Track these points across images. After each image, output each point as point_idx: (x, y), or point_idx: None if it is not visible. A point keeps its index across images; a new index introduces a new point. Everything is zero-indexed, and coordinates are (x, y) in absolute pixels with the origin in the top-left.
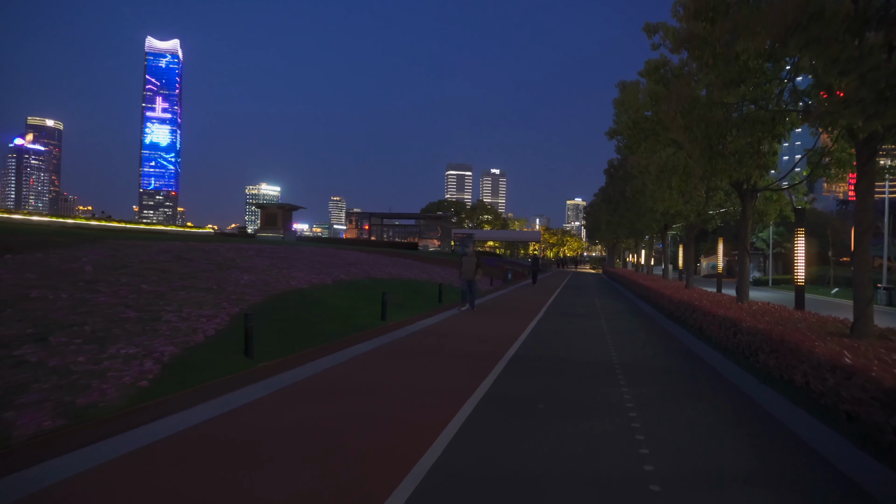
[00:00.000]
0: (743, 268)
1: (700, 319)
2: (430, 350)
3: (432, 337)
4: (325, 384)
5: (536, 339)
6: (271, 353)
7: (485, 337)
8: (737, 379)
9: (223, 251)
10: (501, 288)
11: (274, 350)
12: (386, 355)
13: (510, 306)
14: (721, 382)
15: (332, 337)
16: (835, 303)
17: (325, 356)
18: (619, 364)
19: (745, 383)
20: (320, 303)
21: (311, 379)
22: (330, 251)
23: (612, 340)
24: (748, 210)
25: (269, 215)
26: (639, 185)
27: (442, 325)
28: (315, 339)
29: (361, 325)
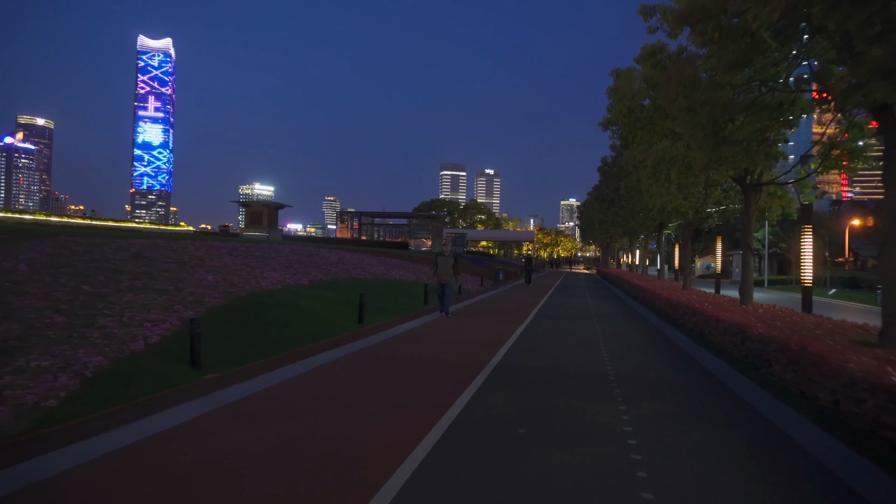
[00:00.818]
0: (747, 268)
1: (701, 323)
2: (405, 358)
3: (410, 343)
4: (274, 401)
5: (525, 345)
6: (223, 363)
7: (468, 343)
8: (747, 393)
9: (192, 249)
10: (492, 288)
11: (227, 359)
12: (354, 365)
13: (499, 308)
14: (729, 397)
15: (300, 343)
16: (836, 304)
17: (285, 365)
18: (614, 375)
19: (756, 399)
20: (291, 305)
21: (260, 394)
22: (312, 250)
23: (607, 346)
24: (751, 206)
25: (254, 214)
26: (633, 182)
27: (423, 329)
28: (279, 345)
29: (335, 330)
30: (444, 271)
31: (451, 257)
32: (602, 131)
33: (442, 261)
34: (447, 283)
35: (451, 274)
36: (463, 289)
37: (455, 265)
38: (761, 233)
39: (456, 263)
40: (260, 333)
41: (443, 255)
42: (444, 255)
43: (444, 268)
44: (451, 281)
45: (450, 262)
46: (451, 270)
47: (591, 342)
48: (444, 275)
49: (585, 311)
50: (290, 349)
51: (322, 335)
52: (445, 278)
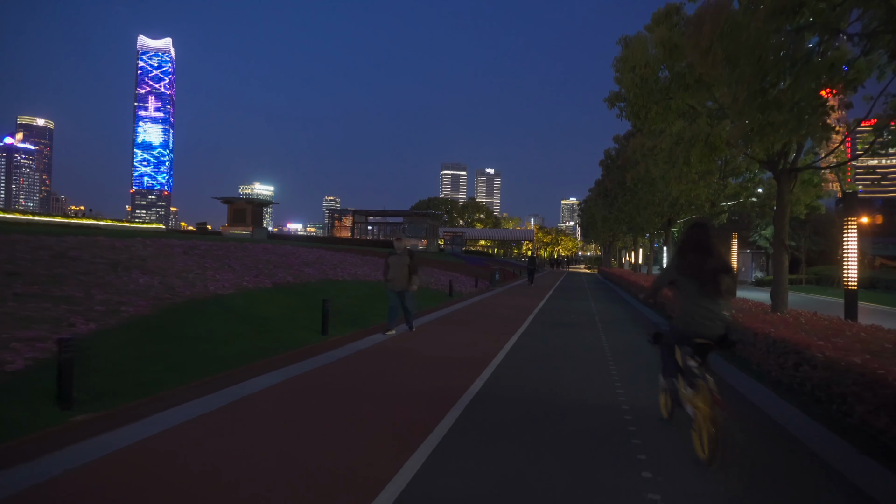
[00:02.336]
0: (780, 267)
1: None
2: (358, 386)
3: (375, 362)
4: (143, 463)
5: (514, 364)
6: (113, 397)
7: (445, 362)
8: (817, 443)
9: (138, 248)
10: (487, 290)
11: (122, 390)
12: (288, 397)
13: (491, 314)
14: (793, 450)
15: (236, 362)
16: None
17: (200, 397)
18: (630, 413)
19: (835, 453)
20: (241, 313)
21: (123, 454)
22: (288, 249)
23: (617, 366)
24: (786, 195)
25: (237, 211)
26: (641, 172)
27: (397, 342)
28: (205, 367)
29: (290, 343)
30: (398, 274)
31: (407, 255)
32: (608, 108)
33: (394, 261)
34: (403, 291)
35: (406, 277)
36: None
37: (413, 267)
38: (769, 231)
39: (413, 263)
40: (185, 351)
41: (395, 253)
42: (397, 254)
43: (397, 270)
44: (406, 288)
45: (404, 261)
46: (407, 273)
47: (597, 360)
48: (398, 279)
49: (588, 317)
50: (219, 372)
51: (269, 351)
52: (399, 283)
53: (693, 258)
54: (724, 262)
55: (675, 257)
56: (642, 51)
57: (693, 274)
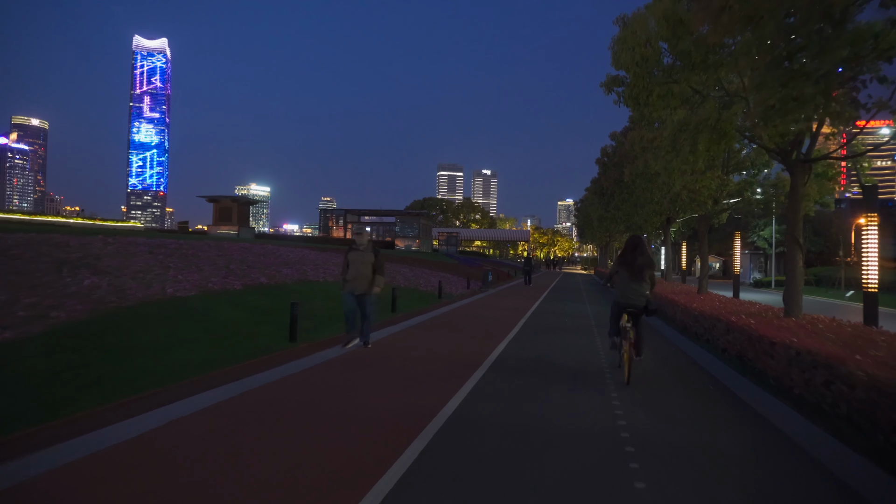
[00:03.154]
0: (794, 268)
1: (741, 344)
2: (311, 405)
3: (340, 373)
4: None
5: (499, 377)
6: (3, 422)
7: (422, 372)
8: (864, 485)
9: (97, 246)
10: (479, 292)
11: (20, 413)
12: (223, 420)
13: (481, 316)
14: (842, 496)
15: (178, 374)
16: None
17: (112, 424)
18: (632, 441)
19: (888, 499)
20: (199, 317)
21: None
22: (269, 249)
23: (615, 379)
24: (799, 188)
25: (222, 210)
26: (639, 167)
27: (374, 349)
28: (140, 381)
29: (250, 352)
30: (359, 274)
31: (370, 252)
32: (605, 94)
33: (355, 258)
34: (364, 294)
35: (368, 278)
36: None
37: (376, 265)
38: (768, 231)
39: (377, 261)
40: (118, 363)
41: (356, 248)
42: (359, 250)
43: (358, 269)
44: (368, 290)
45: (367, 259)
46: (370, 272)
47: (593, 371)
48: (359, 280)
49: (584, 321)
50: (152, 388)
51: (221, 362)
52: (360, 285)
53: (629, 257)
54: (650, 260)
55: (618, 256)
56: (643, 28)
57: (627, 267)
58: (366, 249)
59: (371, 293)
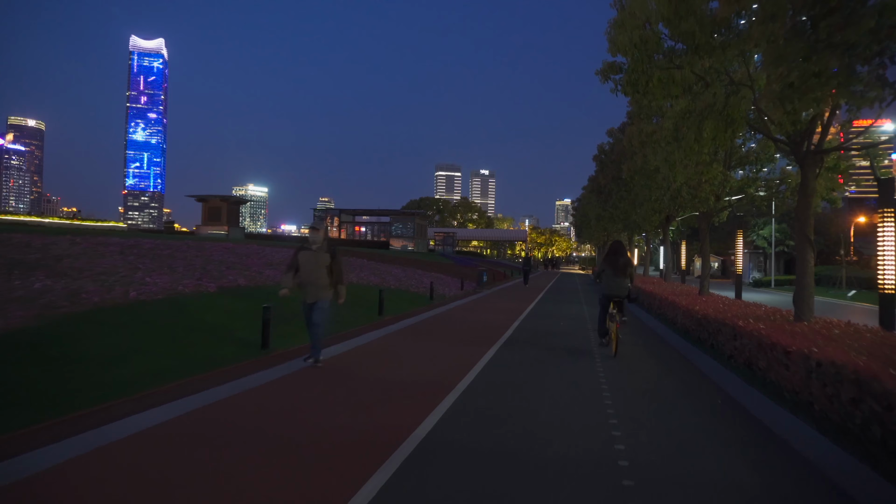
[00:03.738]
0: (805, 267)
1: (751, 351)
2: (262, 428)
3: (307, 385)
4: None
5: (484, 391)
6: None
7: (398, 386)
8: None
9: (61, 247)
10: (474, 293)
11: None
12: (158, 447)
13: (473, 320)
14: None
15: (125, 390)
16: (869, 309)
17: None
18: (631, 473)
19: None
20: (163, 323)
21: None
22: (253, 249)
23: (613, 392)
24: (810, 182)
25: (211, 209)
26: (638, 163)
27: (348, 357)
28: (69, 399)
29: (210, 362)
30: (312, 278)
31: (325, 252)
32: (601, 82)
33: (307, 259)
34: (317, 302)
35: (322, 284)
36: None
37: (333, 267)
38: (767, 230)
39: (334, 263)
40: (49, 377)
41: (308, 248)
42: (312, 249)
43: (310, 272)
44: (324, 296)
45: (321, 260)
46: (326, 276)
47: (588, 384)
48: (313, 286)
49: (580, 325)
50: (85, 406)
51: (178, 374)
52: (314, 292)
53: (612, 259)
54: (629, 260)
55: (604, 258)
56: (642, 8)
57: (611, 266)
58: (320, 249)
59: (325, 301)
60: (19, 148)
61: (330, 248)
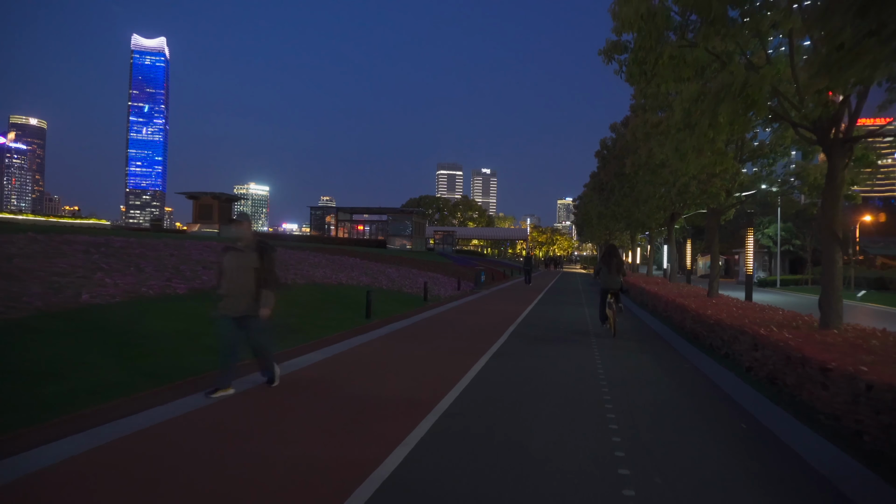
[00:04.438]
0: (832, 268)
1: (774, 363)
2: (198, 457)
3: (269, 401)
4: None
5: (470, 409)
6: None
7: (371, 403)
8: None
9: (17, 245)
10: (471, 293)
11: None
12: (52, 490)
13: (466, 323)
14: None
15: (45, 412)
16: (883, 311)
17: None
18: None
19: None
20: (117, 330)
21: None
22: None
23: (617, 409)
24: (839, 173)
25: (203, 207)
26: (642, 158)
27: (320, 366)
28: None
29: (170, 374)
30: (238, 286)
31: (254, 253)
32: (605, 63)
33: (233, 262)
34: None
35: (251, 292)
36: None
37: (263, 270)
38: (772, 229)
39: (264, 267)
40: None
41: (234, 248)
42: (237, 249)
43: (236, 278)
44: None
45: (249, 262)
46: (253, 283)
47: (590, 399)
48: (238, 295)
49: (581, 327)
50: None
51: (118, 391)
52: (237, 304)
53: (608, 259)
54: (621, 260)
55: (601, 259)
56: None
57: (607, 265)
58: (247, 249)
59: (258, 315)
60: (21, 147)
61: (259, 247)
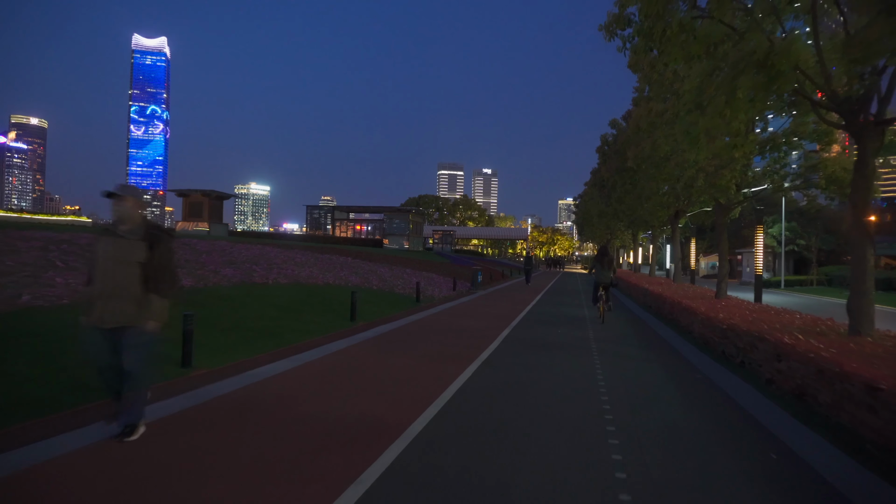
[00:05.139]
0: (863, 267)
1: (803, 377)
2: None
3: (205, 427)
4: None
5: (447, 433)
6: None
7: (330, 426)
8: None
9: None
10: (467, 294)
11: None
12: None
13: (457, 326)
14: None
15: None
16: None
17: None
18: None
19: None
20: (49, 337)
21: None
22: (220, 246)
23: (622, 434)
24: (869, 160)
25: (193, 205)
26: (646, 151)
27: (289, 377)
28: None
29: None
30: (113, 285)
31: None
32: (606, 40)
33: (108, 250)
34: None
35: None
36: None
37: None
38: (776, 228)
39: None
40: None
41: (114, 233)
42: (117, 235)
43: (114, 274)
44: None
45: (131, 253)
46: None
47: (589, 423)
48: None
49: (581, 332)
50: None
51: (28, 412)
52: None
53: (601, 257)
54: (612, 258)
55: (595, 258)
56: None
57: (600, 263)
58: (131, 235)
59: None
60: (21, 146)
61: (149, 234)
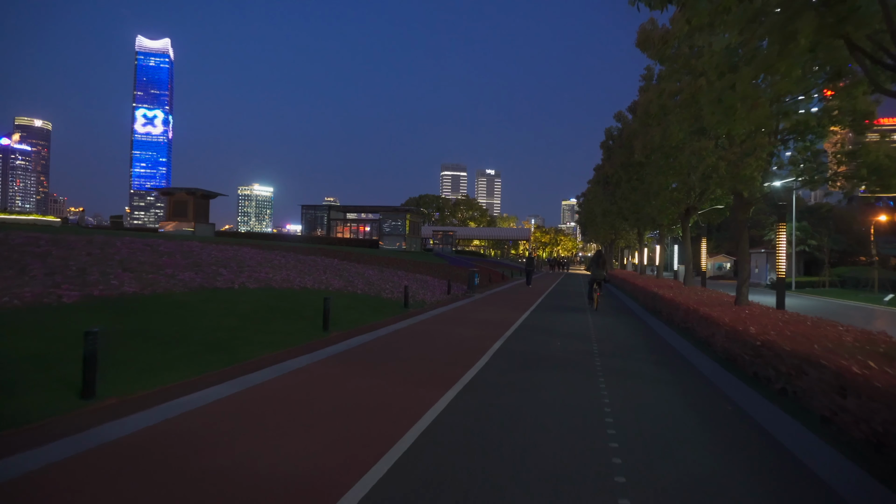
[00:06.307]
0: None
1: (887, 426)
2: None
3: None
4: None
5: (407, 487)
6: None
7: (242, 476)
8: None
9: None
10: (462, 297)
11: None
12: None
13: (445, 336)
14: None
15: None
16: None
17: None
18: None
19: None
20: None
21: None
22: (190, 246)
23: (636, 494)
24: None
25: (177, 204)
26: (655, 140)
27: (220, 408)
28: None
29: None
30: None
31: None
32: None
33: None
34: None
35: None
36: None
37: None
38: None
39: None
40: None
41: None
42: None
43: None
44: None
45: None
46: None
47: (593, 480)
48: None
49: (583, 344)
50: None
51: None
52: None
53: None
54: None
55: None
56: None
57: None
58: None
59: None
60: (26, 148)
61: None
